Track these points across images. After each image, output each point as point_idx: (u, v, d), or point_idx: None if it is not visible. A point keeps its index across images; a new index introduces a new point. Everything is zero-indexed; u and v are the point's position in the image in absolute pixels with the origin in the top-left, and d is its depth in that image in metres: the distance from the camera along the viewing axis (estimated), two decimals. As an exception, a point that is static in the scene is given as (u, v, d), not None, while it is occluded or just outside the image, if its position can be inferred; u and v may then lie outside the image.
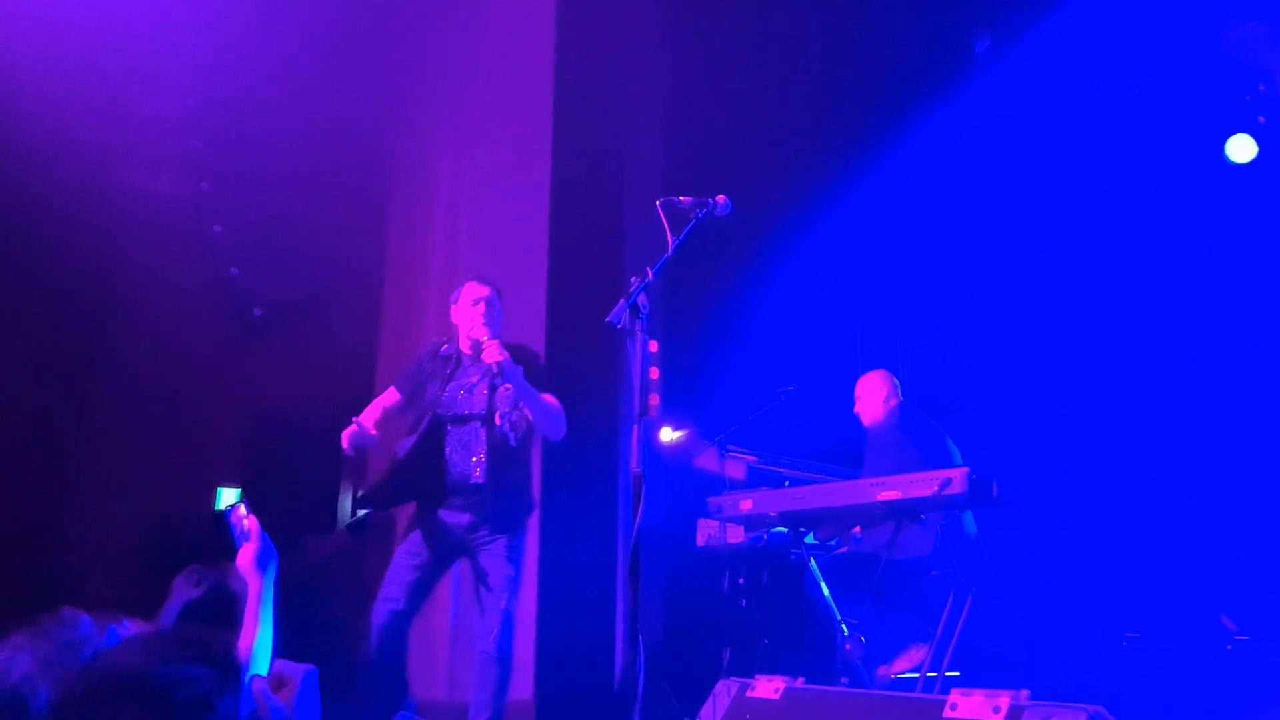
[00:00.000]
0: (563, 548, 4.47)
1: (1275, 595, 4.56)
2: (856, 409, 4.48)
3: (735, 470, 4.40)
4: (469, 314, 3.41)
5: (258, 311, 5.07)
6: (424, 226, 4.92)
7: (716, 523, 4.39)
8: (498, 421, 3.31)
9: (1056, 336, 5.63)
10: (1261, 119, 5.54)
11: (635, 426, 2.32)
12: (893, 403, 4.39)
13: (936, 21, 4.92)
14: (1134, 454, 5.47)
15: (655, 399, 2.52)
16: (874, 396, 4.42)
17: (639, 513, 2.33)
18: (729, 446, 4.48)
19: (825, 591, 3.89)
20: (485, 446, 3.27)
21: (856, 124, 5.67)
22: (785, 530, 4.00)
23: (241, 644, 1.68)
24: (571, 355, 4.44)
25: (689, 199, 2.68)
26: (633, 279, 2.44)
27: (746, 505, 3.79)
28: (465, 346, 3.43)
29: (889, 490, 3.36)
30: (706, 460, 4.44)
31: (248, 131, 4.80)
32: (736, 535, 4.29)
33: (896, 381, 4.45)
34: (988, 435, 4.83)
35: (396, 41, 4.96)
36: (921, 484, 3.27)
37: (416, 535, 3.30)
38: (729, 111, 5.29)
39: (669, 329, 5.39)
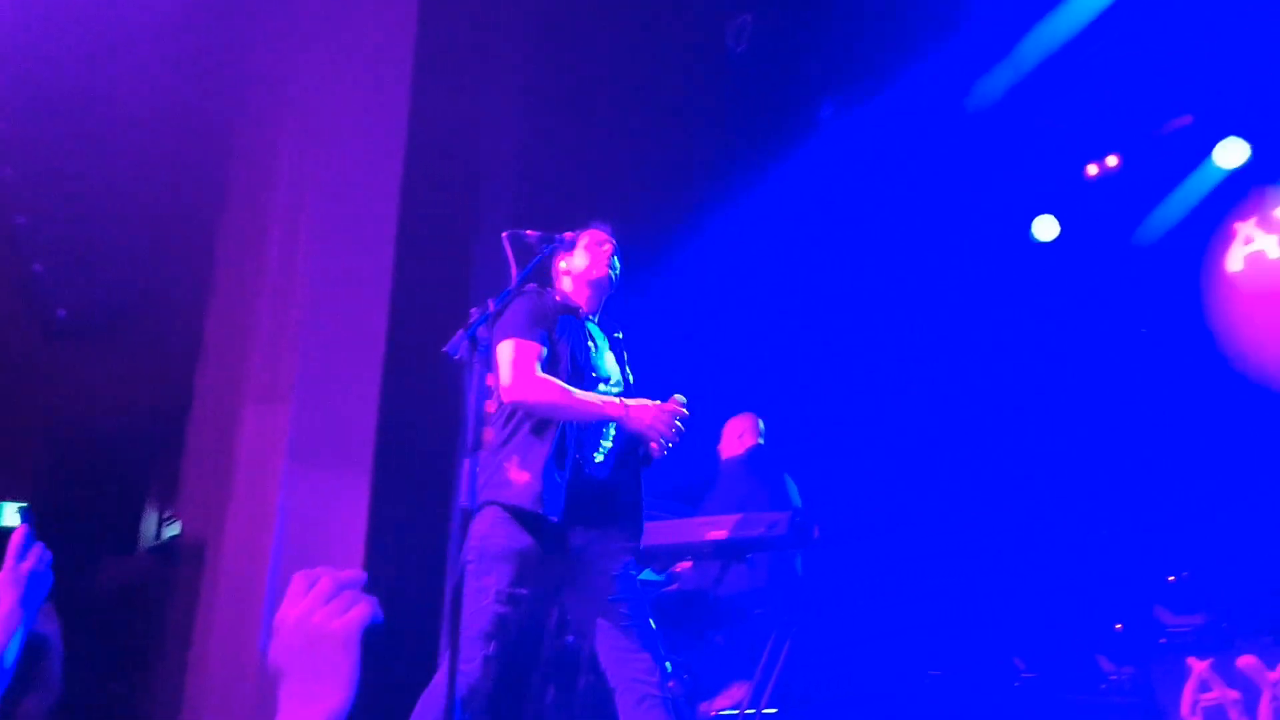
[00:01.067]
0: (390, 584, 4.29)
1: (1058, 639, 4.99)
2: (720, 445, 4.63)
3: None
4: (598, 255, 2.83)
5: (62, 313, 4.65)
6: (259, 235, 4.66)
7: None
8: None
9: (878, 392, 5.98)
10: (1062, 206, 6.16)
11: (466, 461, 2.28)
12: (749, 442, 4.55)
13: (785, 85, 5.17)
14: (949, 505, 5.87)
15: (489, 433, 2.48)
16: (733, 432, 4.58)
17: (465, 547, 2.28)
18: (567, 480, 4.46)
19: (652, 625, 3.92)
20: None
21: (708, 174, 5.86)
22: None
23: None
24: (410, 385, 4.33)
25: (536, 233, 2.68)
26: (473, 310, 2.40)
27: (578, 540, 3.77)
28: (586, 300, 2.84)
29: (717, 530, 3.46)
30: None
31: (61, 116, 4.41)
32: (568, 570, 4.26)
33: (761, 425, 4.61)
34: (816, 479, 5.05)
35: (238, 36, 4.70)
36: (748, 525, 3.39)
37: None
38: (588, 151, 5.35)
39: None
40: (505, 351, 2.58)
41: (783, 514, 3.37)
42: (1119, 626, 4.81)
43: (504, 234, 2.63)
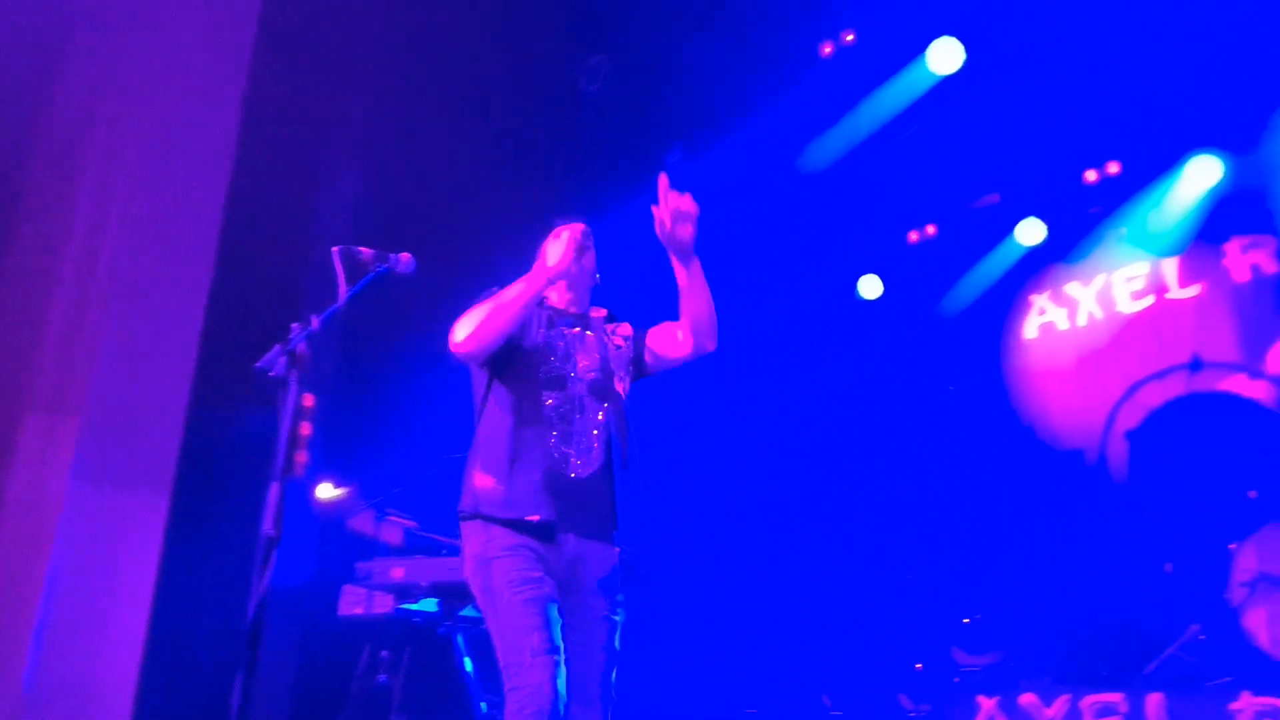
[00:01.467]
0: (187, 612, 3.97)
1: (863, 677, 5.22)
2: None
3: (392, 535, 4.20)
4: (558, 248, 2.70)
5: None
6: (59, 226, 4.23)
7: (364, 590, 4.15)
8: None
9: (698, 431, 6.13)
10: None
11: (274, 484, 2.13)
12: None
13: (635, 126, 5.28)
14: (763, 546, 6.07)
15: (303, 456, 2.34)
16: None
17: (264, 580, 2.12)
18: (389, 510, 4.29)
19: (469, 667, 3.80)
20: None
21: (553, 208, 5.86)
22: (438, 602, 3.88)
23: None
24: (224, 401, 4.03)
25: (370, 251, 2.57)
26: (294, 326, 2.27)
27: (398, 573, 3.62)
28: (560, 295, 2.75)
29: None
30: (361, 523, 4.20)
31: None
32: (384, 604, 4.07)
33: None
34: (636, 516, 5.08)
35: (57, 19, 4.31)
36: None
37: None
38: (434, 178, 5.24)
39: (350, 383, 5.11)
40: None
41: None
42: (919, 666, 5.09)
43: (335, 249, 2.51)
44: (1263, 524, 3.97)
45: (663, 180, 2.47)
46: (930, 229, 6.59)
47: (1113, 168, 5.85)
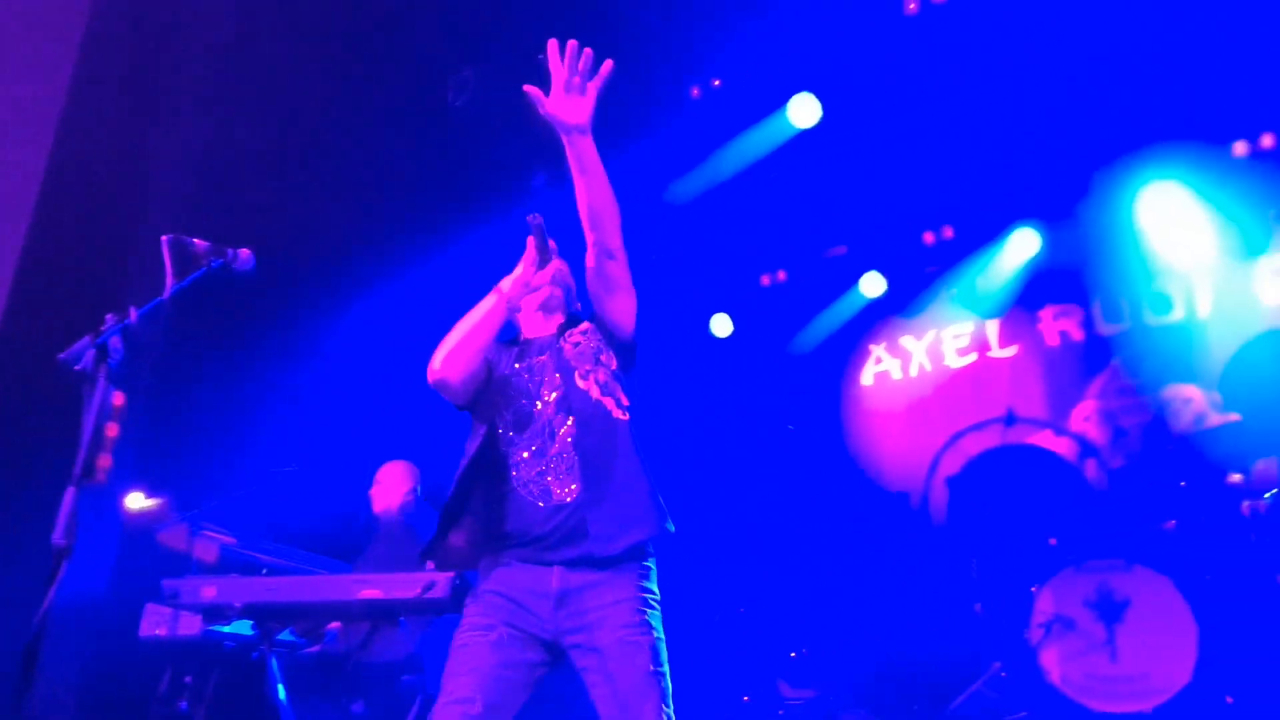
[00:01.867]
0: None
1: (693, 709, 5.25)
2: (372, 492, 4.35)
3: (206, 552, 3.90)
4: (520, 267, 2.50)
5: None
6: None
7: (169, 610, 3.83)
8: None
9: None
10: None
11: (69, 489, 1.93)
12: (410, 496, 4.33)
13: (502, 147, 5.23)
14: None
15: (106, 460, 2.13)
16: (393, 485, 4.34)
17: (50, 595, 1.92)
18: (205, 524, 3.99)
19: (283, 695, 3.57)
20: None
21: (415, 223, 5.72)
22: (252, 624, 3.63)
23: None
24: (26, 396, 3.66)
25: (205, 244, 2.40)
26: (109, 317, 2.08)
27: (209, 593, 3.35)
28: (528, 319, 2.60)
29: (371, 589, 3.23)
30: (173, 537, 3.88)
31: None
32: (191, 626, 3.77)
33: (418, 475, 4.41)
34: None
35: None
36: (405, 585, 3.20)
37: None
38: (291, 178, 5.00)
39: (171, 385, 4.75)
40: None
41: (444, 575, 3.23)
42: (746, 699, 5.18)
43: (165, 237, 2.33)
44: (1060, 569, 4.30)
45: (552, 46, 2.23)
46: (781, 274, 6.85)
47: (948, 232, 6.28)
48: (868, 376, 6.84)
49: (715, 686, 5.37)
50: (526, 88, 2.25)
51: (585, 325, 2.52)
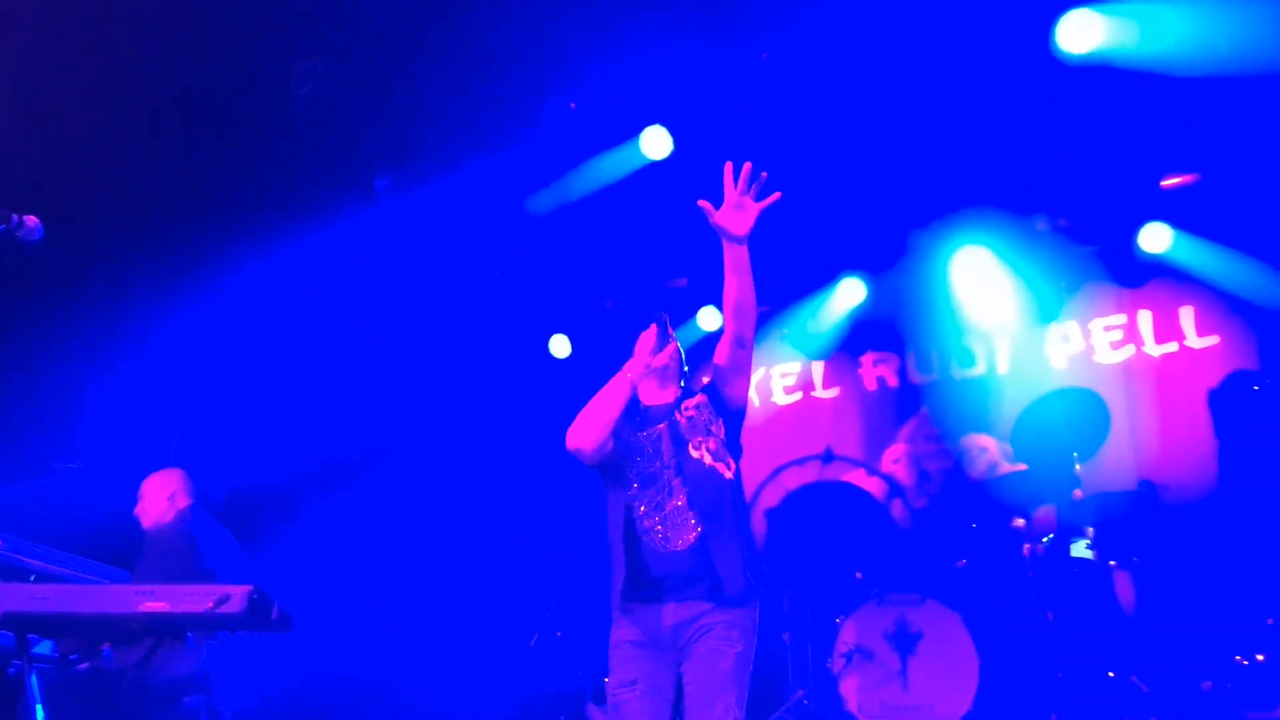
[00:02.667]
0: None
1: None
2: (137, 510, 4.03)
3: (-35, 554, 3.49)
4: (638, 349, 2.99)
5: None
6: None
7: (-91, 619, 3.37)
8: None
9: (361, 473, 5.89)
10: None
11: None
12: (181, 503, 4.02)
13: (347, 144, 5.03)
14: (413, 593, 5.87)
15: None
16: (158, 495, 4.03)
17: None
18: (-33, 524, 3.57)
19: (40, 715, 3.21)
20: None
21: (250, 217, 5.40)
22: (11, 635, 3.26)
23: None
24: None
25: (-11, 208, 2.17)
26: None
27: (-39, 599, 2.98)
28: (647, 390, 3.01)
29: (156, 601, 2.96)
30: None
31: None
32: (-62, 636, 3.35)
33: (188, 481, 4.10)
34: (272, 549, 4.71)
35: None
36: (194, 598, 2.96)
37: None
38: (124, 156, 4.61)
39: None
40: None
41: (240, 588, 3.01)
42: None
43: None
44: (863, 602, 4.53)
45: (728, 168, 2.71)
46: (620, 299, 6.93)
47: (779, 274, 6.55)
48: (700, 409, 7.00)
49: (528, 713, 5.29)
50: (701, 203, 2.73)
51: (700, 399, 2.90)
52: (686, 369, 3.04)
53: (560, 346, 6.86)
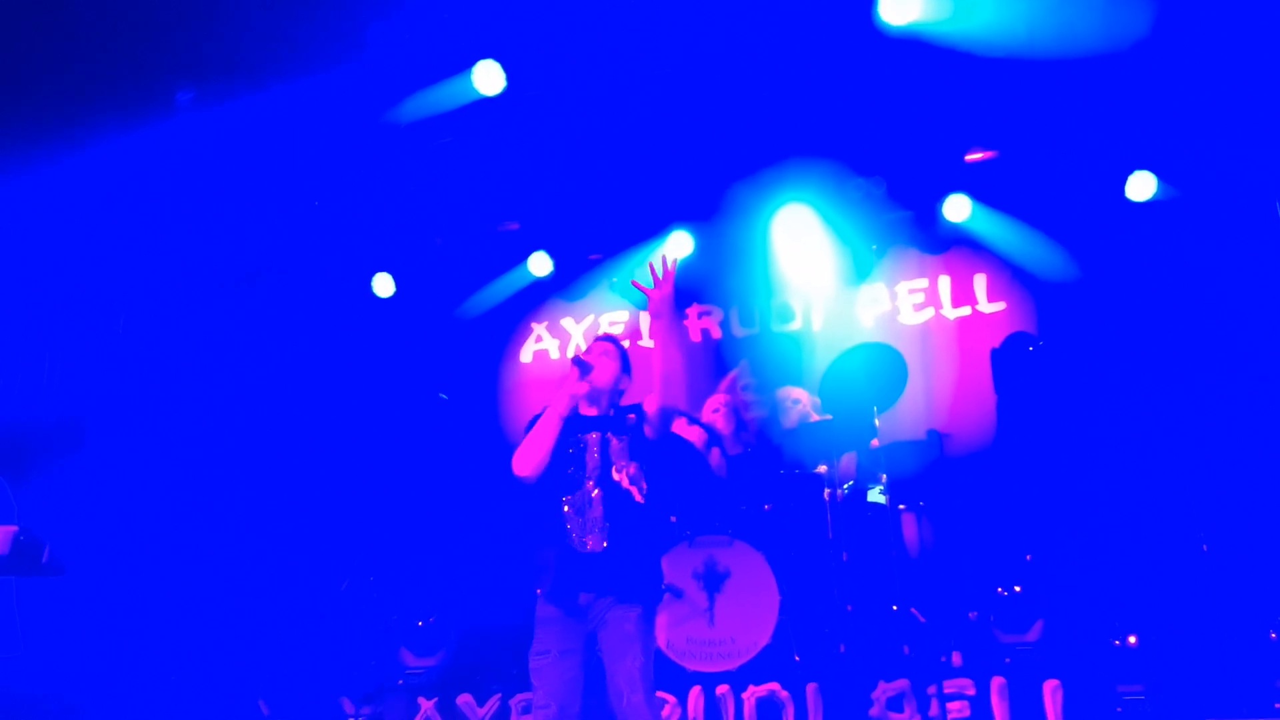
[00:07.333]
0: None
1: (302, 681, 5.03)
2: None
3: None
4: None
5: None
6: None
7: None
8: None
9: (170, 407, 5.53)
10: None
11: None
12: None
13: (146, 56, 4.57)
14: (217, 540, 5.58)
15: None
16: None
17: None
18: None
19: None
20: None
21: (30, 125, 4.83)
22: None
23: None
24: None
25: None
26: None
27: None
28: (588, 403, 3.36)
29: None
30: None
31: None
32: None
33: None
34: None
35: None
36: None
37: None
38: None
39: None
40: None
41: (3, 529, 2.75)
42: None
43: None
44: (675, 544, 4.69)
45: (651, 265, 3.22)
46: (449, 239, 6.75)
47: (613, 221, 6.58)
48: (527, 354, 6.97)
49: (331, 658, 5.17)
50: (636, 283, 3.28)
51: (631, 418, 3.29)
52: (627, 379, 3.38)
53: (384, 285, 6.62)
